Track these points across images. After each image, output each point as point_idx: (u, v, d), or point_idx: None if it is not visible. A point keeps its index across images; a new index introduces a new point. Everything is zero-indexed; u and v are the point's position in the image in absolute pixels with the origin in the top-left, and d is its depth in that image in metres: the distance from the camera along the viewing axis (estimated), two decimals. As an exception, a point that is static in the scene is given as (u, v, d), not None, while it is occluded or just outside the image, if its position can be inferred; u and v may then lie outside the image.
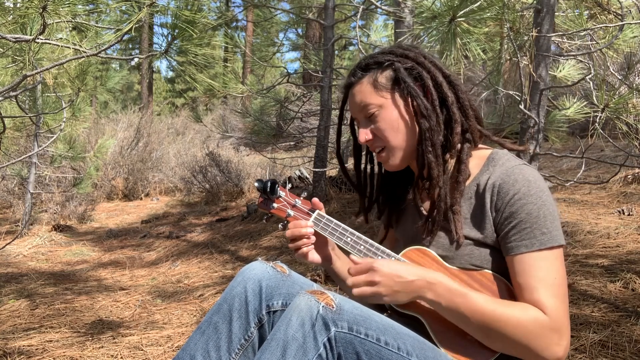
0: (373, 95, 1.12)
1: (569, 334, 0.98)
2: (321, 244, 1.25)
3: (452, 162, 1.12)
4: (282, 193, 1.27)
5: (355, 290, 1.05)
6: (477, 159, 1.13)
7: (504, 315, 0.97)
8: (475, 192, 1.09)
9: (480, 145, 1.16)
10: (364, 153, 1.30)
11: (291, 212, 1.25)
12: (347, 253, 1.26)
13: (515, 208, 1.02)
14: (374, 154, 1.21)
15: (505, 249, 1.04)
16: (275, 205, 1.26)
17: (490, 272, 1.07)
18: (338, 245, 1.22)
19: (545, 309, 0.97)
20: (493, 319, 0.98)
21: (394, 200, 1.29)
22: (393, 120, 1.12)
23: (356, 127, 1.22)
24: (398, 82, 1.12)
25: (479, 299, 1.00)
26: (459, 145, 1.11)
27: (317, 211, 1.23)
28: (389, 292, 1.02)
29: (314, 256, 1.23)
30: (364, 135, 1.16)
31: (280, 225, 1.28)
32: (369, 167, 1.30)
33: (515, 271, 1.02)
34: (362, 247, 1.16)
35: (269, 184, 1.24)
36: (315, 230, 1.21)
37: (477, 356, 1.03)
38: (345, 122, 1.33)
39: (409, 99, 1.11)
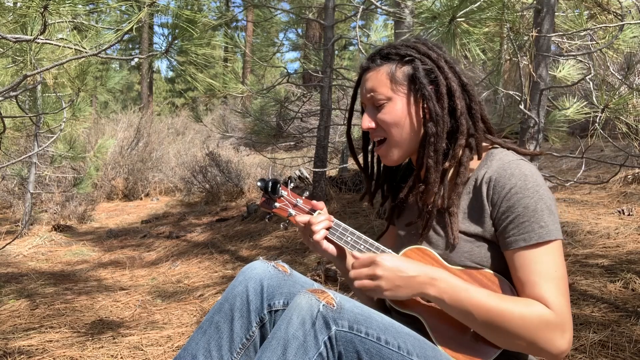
0: (386, 86, 1.12)
1: (572, 328, 0.98)
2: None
3: (451, 168, 1.12)
4: (284, 193, 1.27)
5: (357, 283, 1.05)
6: (474, 159, 1.14)
7: (507, 309, 0.97)
8: (473, 187, 1.10)
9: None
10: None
11: (293, 212, 1.25)
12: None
13: (512, 202, 1.02)
14: (375, 146, 1.20)
15: (504, 243, 1.04)
16: (277, 204, 1.27)
17: (489, 271, 1.07)
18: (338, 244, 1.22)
19: (549, 303, 0.97)
20: (497, 314, 0.98)
21: (396, 194, 1.29)
22: (399, 115, 1.12)
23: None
24: (414, 80, 1.11)
25: (482, 294, 1.00)
26: (460, 154, 1.11)
27: (318, 211, 1.23)
28: (390, 286, 1.02)
29: (328, 246, 1.22)
30: (367, 122, 1.16)
31: (281, 225, 1.29)
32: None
33: (515, 266, 1.02)
34: (362, 246, 1.17)
35: (270, 184, 1.25)
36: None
37: (477, 355, 1.03)
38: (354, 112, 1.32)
39: (421, 100, 1.11)
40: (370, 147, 1.29)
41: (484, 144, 1.14)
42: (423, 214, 1.14)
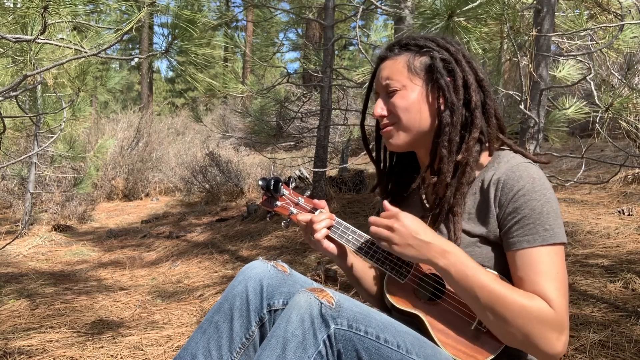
0: (402, 74, 1.13)
1: (568, 331, 0.98)
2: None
3: (464, 161, 1.12)
4: (285, 191, 1.27)
5: (372, 228, 1.07)
6: (484, 156, 1.14)
7: (510, 296, 0.97)
8: (480, 188, 1.10)
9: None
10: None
11: (294, 210, 1.25)
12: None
13: (519, 204, 1.02)
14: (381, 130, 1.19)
15: (507, 244, 1.04)
16: (278, 203, 1.27)
17: (491, 270, 1.07)
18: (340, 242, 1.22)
19: (550, 301, 0.97)
20: (499, 299, 0.98)
21: (400, 189, 1.28)
22: (412, 102, 1.12)
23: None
24: (431, 71, 1.12)
25: (489, 277, 1.00)
26: (473, 147, 1.10)
27: (319, 210, 1.23)
28: (401, 242, 1.03)
29: (329, 244, 1.22)
30: (380, 109, 1.16)
31: (282, 224, 1.29)
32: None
33: (517, 266, 1.02)
34: (364, 245, 1.17)
35: (272, 182, 1.25)
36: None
37: (477, 354, 1.03)
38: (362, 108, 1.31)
39: (437, 90, 1.11)
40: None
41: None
42: (433, 209, 1.14)
